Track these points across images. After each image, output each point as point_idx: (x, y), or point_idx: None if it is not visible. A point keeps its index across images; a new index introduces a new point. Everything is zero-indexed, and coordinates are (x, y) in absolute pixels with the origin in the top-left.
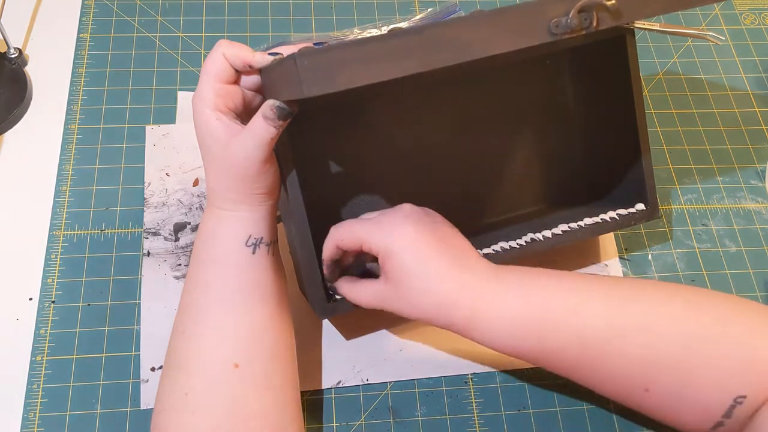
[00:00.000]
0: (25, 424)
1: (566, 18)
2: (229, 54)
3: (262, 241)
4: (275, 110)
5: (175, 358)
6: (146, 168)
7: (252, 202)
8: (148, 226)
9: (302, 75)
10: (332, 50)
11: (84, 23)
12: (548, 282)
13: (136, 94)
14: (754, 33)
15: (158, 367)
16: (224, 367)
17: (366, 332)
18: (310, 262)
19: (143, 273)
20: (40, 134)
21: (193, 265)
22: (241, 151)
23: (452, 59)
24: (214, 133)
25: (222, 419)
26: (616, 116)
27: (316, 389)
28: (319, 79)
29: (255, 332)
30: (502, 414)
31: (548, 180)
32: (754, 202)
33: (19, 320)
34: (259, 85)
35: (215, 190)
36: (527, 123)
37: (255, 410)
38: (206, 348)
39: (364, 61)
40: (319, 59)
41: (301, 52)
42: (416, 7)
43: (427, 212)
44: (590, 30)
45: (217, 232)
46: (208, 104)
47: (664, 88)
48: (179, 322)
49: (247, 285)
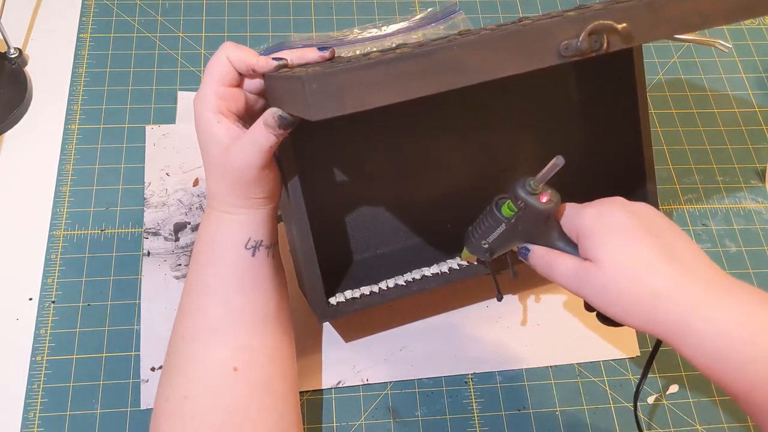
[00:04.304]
0: (25, 424)
1: (576, 41)
2: (233, 57)
3: (262, 243)
4: (277, 119)
5: (174, 361)
6: (146, 168)
7: (252, 206)
8: (148, 226)
9: (310, 99)
10: (340, 74)
11: (84, 23)
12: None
13: (136, 94)
14: (754, 33)
15: (158, 367)
16: (224, 371)
17: (365, 335)
18: (310, 264)
19: (143, 273)
20: (40, 134)
21: (192, 267)
22: (240, 156)
23: (461, 82)
24: (215, 136)
25: (221, 423)
26: (618, 119)
27: (316, 389)
28: (327, 103)
29: (255, 336)
30: (502, 414)
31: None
32: (754, 202)
33: (19, 320)
34: (262, 88)
35: (215, 193)
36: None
37: (254, 414)
38: (205, 351)
39: (373, 85)
40: (328, 83)
41: (309, 76)
42: (416, 7)
43: (645, 206)
44: (600, 52)
45: (217, 234)
46: (209, 107)
47: (665, 88)
48: (178, 324)
49: (246, 287)
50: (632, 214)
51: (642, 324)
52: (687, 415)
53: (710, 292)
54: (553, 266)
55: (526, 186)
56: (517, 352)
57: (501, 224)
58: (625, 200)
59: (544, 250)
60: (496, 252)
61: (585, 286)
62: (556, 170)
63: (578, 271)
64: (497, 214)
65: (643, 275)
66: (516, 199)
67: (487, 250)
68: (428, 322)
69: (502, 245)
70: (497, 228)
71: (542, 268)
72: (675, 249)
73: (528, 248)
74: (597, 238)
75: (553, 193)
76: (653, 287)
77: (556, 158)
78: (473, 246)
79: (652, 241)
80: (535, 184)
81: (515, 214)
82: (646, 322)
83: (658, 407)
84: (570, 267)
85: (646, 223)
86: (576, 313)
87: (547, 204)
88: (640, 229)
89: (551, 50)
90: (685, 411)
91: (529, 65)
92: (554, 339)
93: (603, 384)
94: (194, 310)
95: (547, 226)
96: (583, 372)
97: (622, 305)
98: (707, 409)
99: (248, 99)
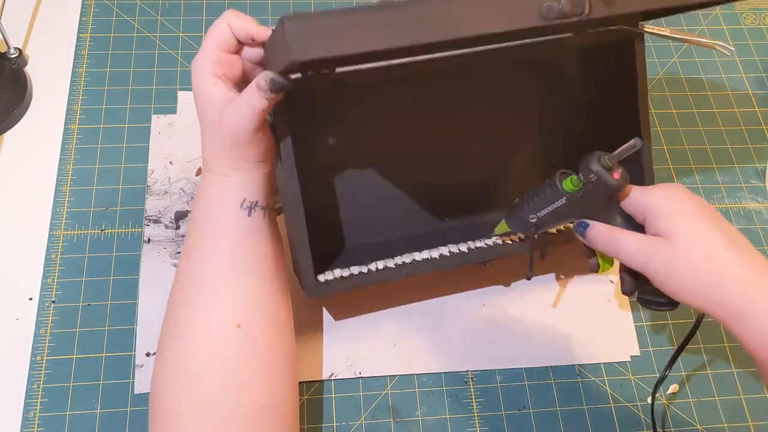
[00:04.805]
0: (25, 424)
1: (558, 3)
2: (234, 24)
3: (258, 204)
4: (269, 82)
5: (174, 323)
6: (150, 155)
7: (246, 168)
8: (150, 213)
9: (289, 39)
10: (320, 17)
11: (84, 23)
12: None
13: (136, 94)
14: (754, 33)
15: (153, 352)
16: (225, 328)
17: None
18: (301, 240)
19: (143, 260)
20: (40, 134)
21: (190, 230)
22: (232, 118)
23: (439, 35)
24: (211, 98)
25: (223, 382)
26: (619, 118)
27: (316, 385)
28: (305, 44)
29: (255, 293)
30: (502, 414)
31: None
32: (754, 202)
33: (19, 320)
34: (261, 58)
35: (210, 156)
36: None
37: (256, 374)
38: (206, 311)
39: (353, 30)
40: (307, 24)
41: (289, 15)
42: None
43: (697, 195)
44: (582, 17)
45: (213, 196)
46: (207, 70)
47: (665, 88)
48: (177, 287)
49: (244, 246)
50: (696, 198)
51: (703, 302)
52: (687, 415)
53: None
54: (619, 241)
55: (601, 161)
56: (518, 352)
57: (561, 198)
58: (685, 187)
59: (605, 226)
60: (541, 227)
61: (652, 261)
62: (632, 151)
63: (646, 246)
64: (559, 187)
65: (714, 254)
66: (588, 173)
67: (534, 224)
68: (424, 318)
69: (553, 221)
70: (555, 202)
71: (603, 243)
72: (735, 237)
73: (587, 223)
74: (670, 215)
75: (624, 171)
76: (724, 268)
77: (634, 139)
78: (517, 220)
79: (718, 225)
80: (610, 160)
81: (581, 188)
82: (708, 302)
83: (658, 407)
84: (637, 242)
85: (709, 209)
86: (576, 314)
87: (619, 180)
88: (708, 213)
89: (533, 11)
90: (685, 411)
91: (508, 24)
92: (554, 339)
93: (603, 384)
94: (193, 271)
95: (609, 204)
96: (583, 372)
97: (690, 282)
98: (707, 409)
99: (246, 67)
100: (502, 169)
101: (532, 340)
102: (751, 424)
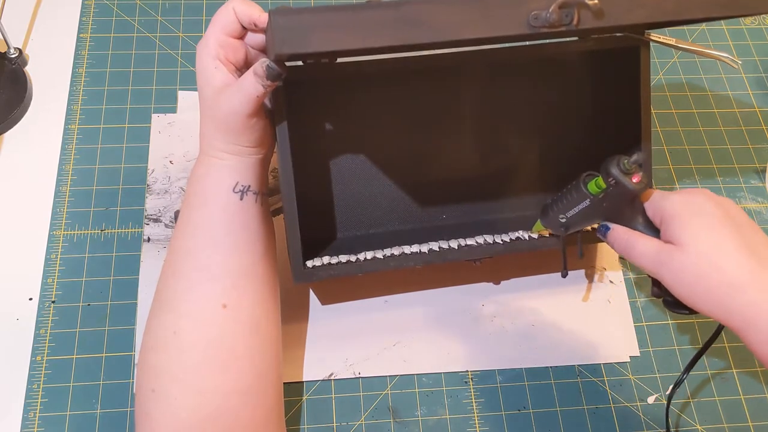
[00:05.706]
0: (25, 424)
1: (546, 12)
2: (239, 9)
3: (250, 189)
4: (265, 69)
5: (163, 299)
6: (150, 154)
7: (240, 153)
8: (150, 212)
9: (276, 32)
10: (308, 13)
11: (84, 23)
12: None
13: (136, 94)
14: (754, 33)
15: None
16: (213, 307)
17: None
18: (291, 222)
19: (142, 258)
20: (40, 134)
21: (183, 210)
22: (228, 102)
23: (425, 38)
24: (211, 80)
25: (209, 358)
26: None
27: (316, 385)
28: (292, 39)
29: (242, 274)
30: (502, 414)
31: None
32: (754, 202)
33: (19, 320)
34: (263, 45)
35: (206, 138)
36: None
37: (242, 351)
38: (195, 288)
39: (338, 27)
40: (295, 19)
41: (278, 10)
42: None
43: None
44: (571, 27)
45: (206, 178)
46: (210, 52)
47: (665, 88)
48: (168, 264)
49: (234, 228)
50: (717, 204)
51: (715, 311)
52: (687, 415)
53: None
54: (634, 245)
55: (620, 165)
56: (518, 352)
57: (585, 200)
58: (710, 192)
59: (624, 229)
60: (571, 228)
61: (663, 268)
62: None
63: (659, 252)
64: (583, 189)
65: (723, 263)
66: (608, 176)
67: (563, 224)
68: (424, 319)
69: (580, 221)
70: (580, 203)
71: (621, 247)
72: (754, 243)
73: (608, 226)
74: (682, 222)
75: (644, 175)
76: (732, 277)
77: None
78: (549, 219)
79: (735, 232)
80: (629, 164)
81: (603, 190)
82: (720, 311)
83: (658, 407)
84: (650, 247)
85: (729, 215)
86: (576, 314)
87: (638, 185)
88: (725, 220)
89: (521, 19)
90: (685, 411)
91: (496, 30)
92: (554, 339)
93: (603, 384)
94: (184, 250)
95: (632, 207)
96: (583, 372)
97: (698, 290)
98: (707, 409)
99: (249, 53)
100: (500, 169)
101: (532, 341)
102: (751, 424)
